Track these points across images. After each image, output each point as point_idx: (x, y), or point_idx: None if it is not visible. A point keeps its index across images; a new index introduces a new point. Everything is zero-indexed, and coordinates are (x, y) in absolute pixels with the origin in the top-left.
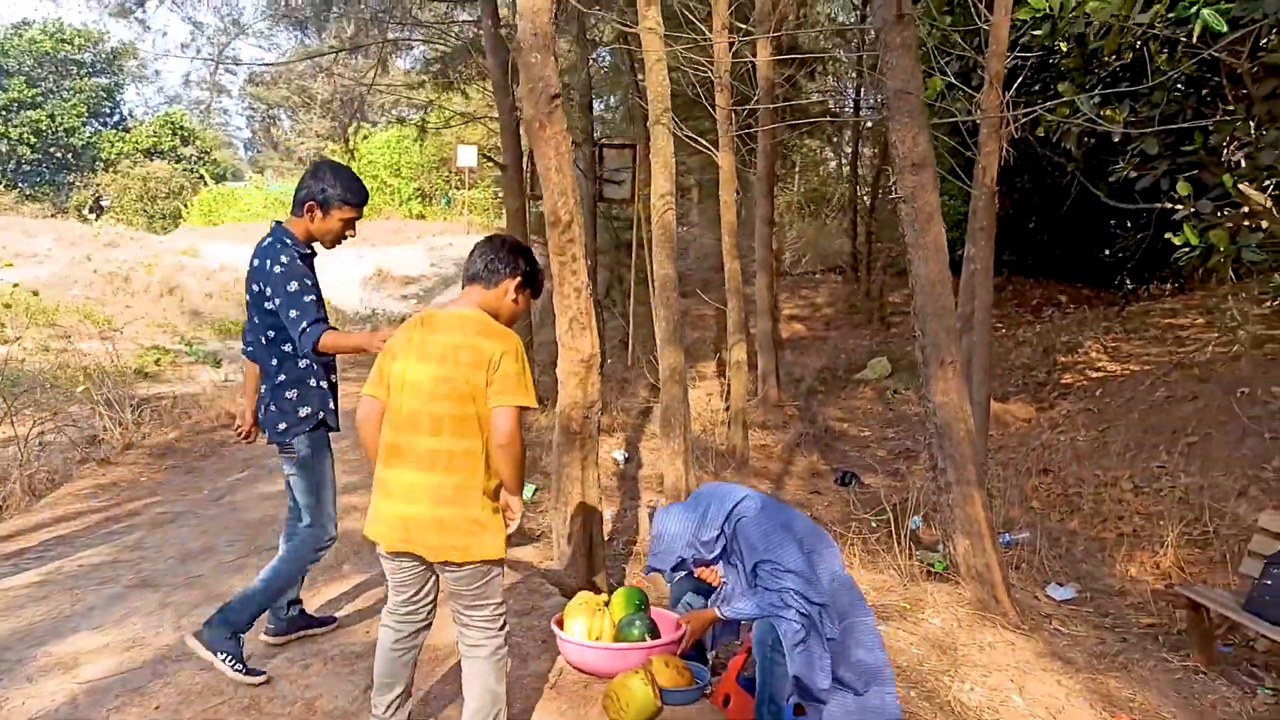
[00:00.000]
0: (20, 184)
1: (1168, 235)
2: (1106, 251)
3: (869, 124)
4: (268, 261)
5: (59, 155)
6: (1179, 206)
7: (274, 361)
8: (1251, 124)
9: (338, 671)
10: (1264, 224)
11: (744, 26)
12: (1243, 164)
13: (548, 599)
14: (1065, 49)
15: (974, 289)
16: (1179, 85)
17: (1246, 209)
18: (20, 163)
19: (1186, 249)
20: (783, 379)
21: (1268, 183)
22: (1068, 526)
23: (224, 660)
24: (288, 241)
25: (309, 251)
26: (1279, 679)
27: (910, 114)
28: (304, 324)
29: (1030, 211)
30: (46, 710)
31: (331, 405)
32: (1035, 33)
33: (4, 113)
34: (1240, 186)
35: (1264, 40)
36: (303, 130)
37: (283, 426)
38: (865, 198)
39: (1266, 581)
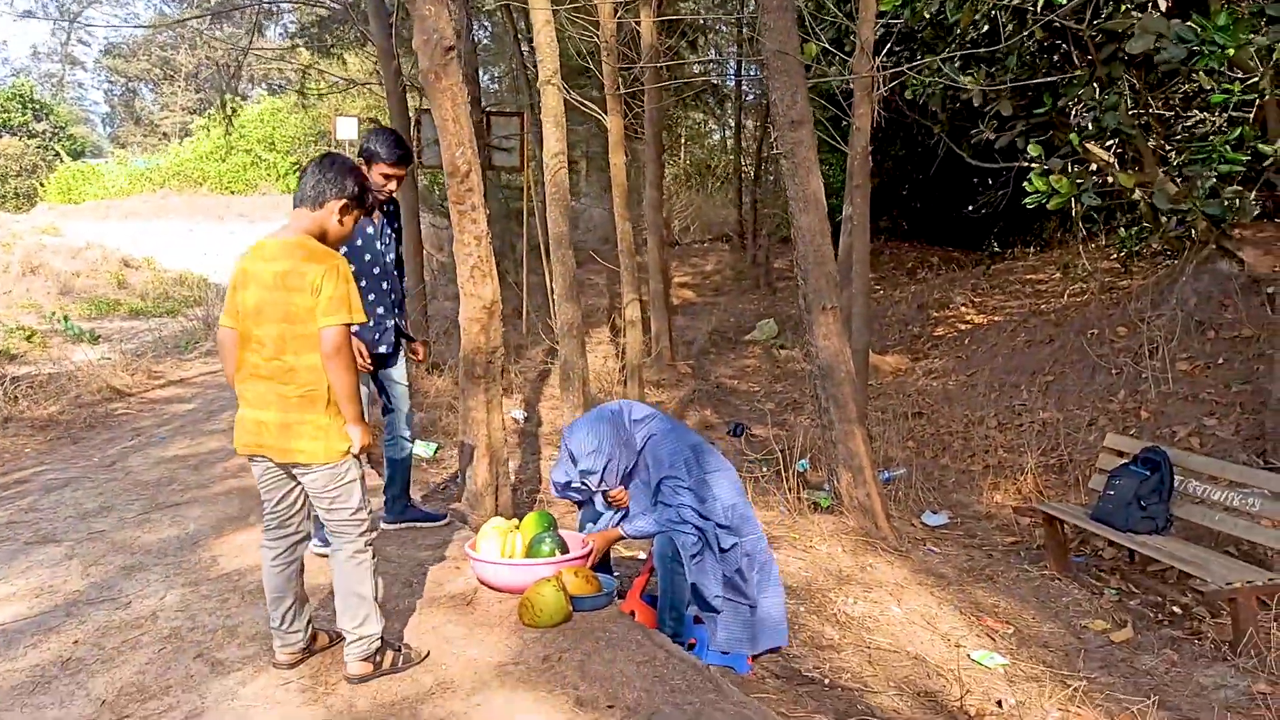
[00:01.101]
0: None
1: (1024, 184)
2: (970, 210)
3: (750, 96)
4: None
5: None
6: (1034, 165)
7: None
8: (1095, 87)
9: (257, 601)
10: (1109, 178)
11: None
12: (1088, 125)
13: (458, 532)
14: (928, 17)
15: (852, 245)
16: (1030, 51)
17: (1093, 166)
18: None
19: (1036, 194)
20: (676, 342)
21: (1110, 142)
22: (940, 462)
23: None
24: None
25: None
26: (1122, 580)
27: (788, 73)
28: None
29: (904, 178)
30: None
31: (356, 330)
32: (895, 21)
33: None
34: (1087, 145)
35: (1103, 9)
36: (166, 104)
37: None
38: (749, 168)
39: (1110, 492)
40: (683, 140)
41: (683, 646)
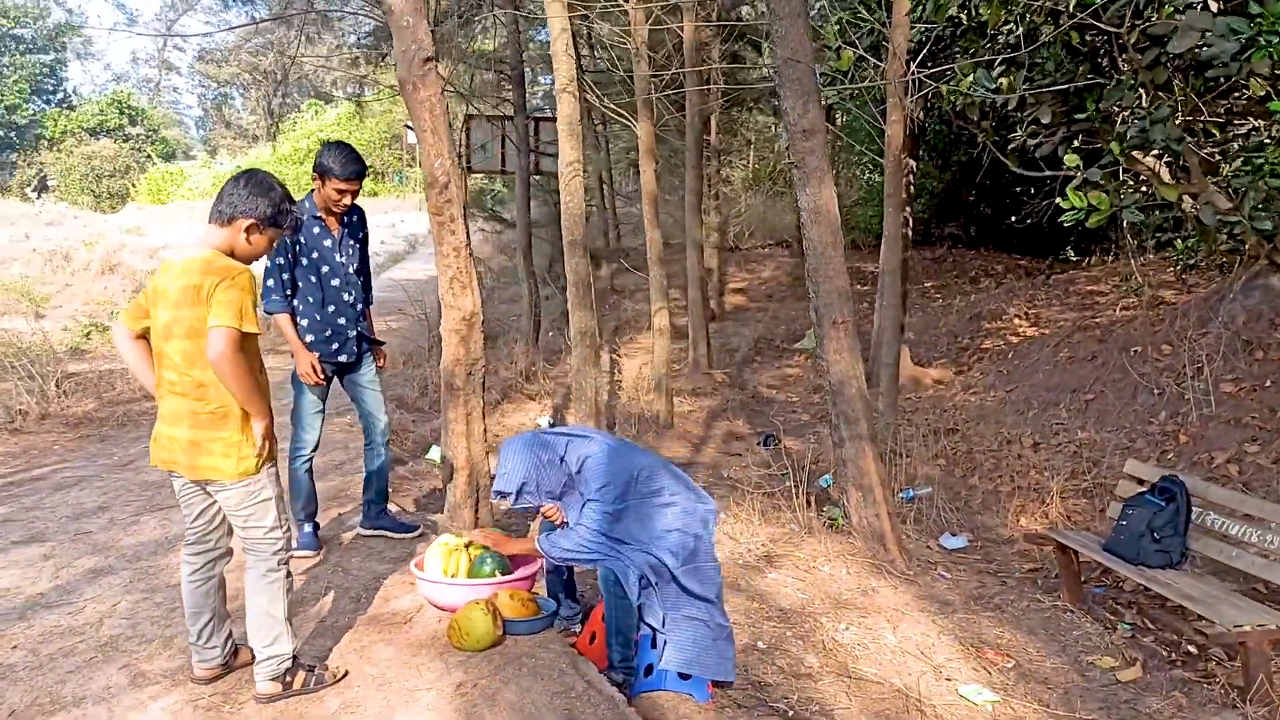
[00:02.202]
0: None
1: (1058, 201)
2: (1014, 220)
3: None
4: None
5: (0, 134)
6: (1076, 173)
7: None
8: (1142, 93)
9: None
10: (1155, 190)
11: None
12: (1133, 134)
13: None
14: (956, 15)
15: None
16: (1068, 54)
17: (1141, 175)
18: None
19: (1073, 211)
20: (718, 349)
21: (1158, 150)
22: (969, 481)
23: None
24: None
25: (318, 216)
26: (1138, 615)
27: (799, 81)
28: (267, 282)
29: (969, 184)
30: None
31: (309, 340)
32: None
33: None
34: (1133, 155)
35: (1145, 10)
36: (254, 108)
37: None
38: None
39: (1123, 522)
40: (751, 144)
41: (633, 672)
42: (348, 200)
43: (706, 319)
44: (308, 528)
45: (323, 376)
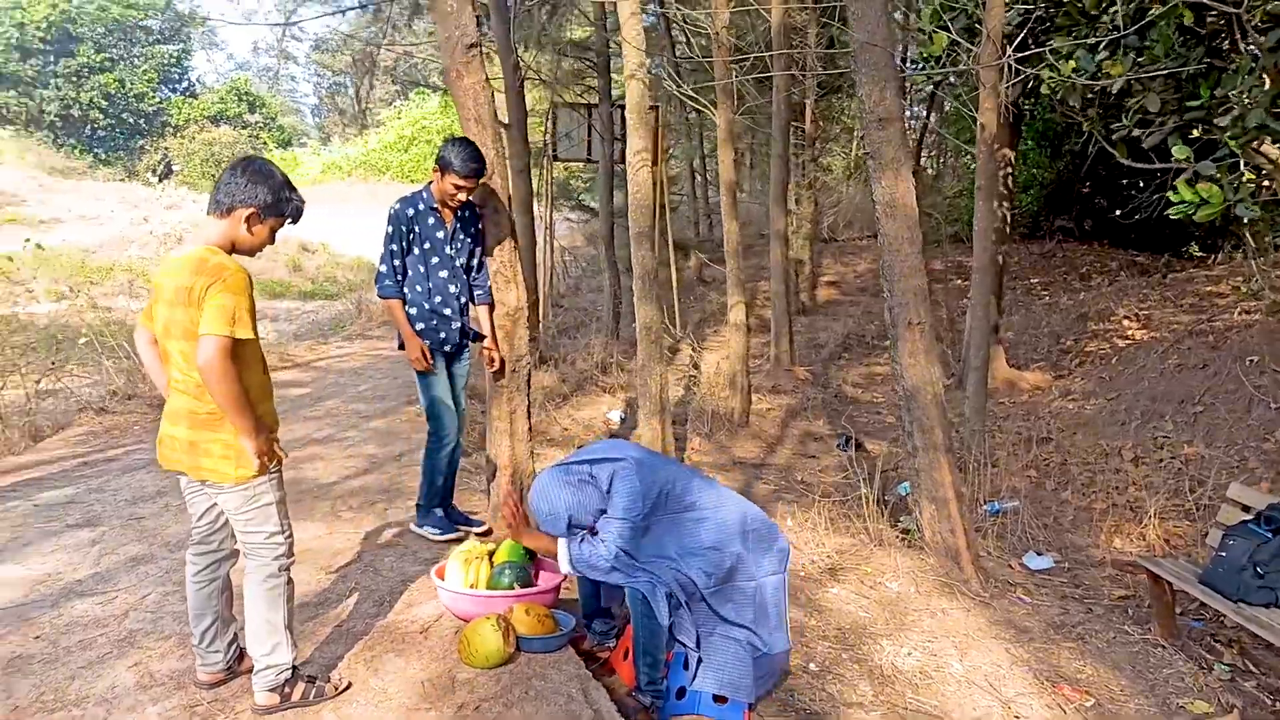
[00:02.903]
0: (94, 149)
1: (1168, 194)
2: (1120, 212)
3: (910, 84)
4: None
5: (130, 120)
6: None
7: None
8: (1266, 78)
9: None
10: (1276, 184)
11: None
12: (1249, 122)
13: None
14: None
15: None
16: (1183, 35)
17: (1262, 169)
18: (94, 128)
19: (1182, 204)
20: (805, 344)
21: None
22: (1060, 496)
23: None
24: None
25: (434, 207)
26: (1240, 655)
27: (876, 67)
28: (377, 272)
29: (1085, 175)
30: None
31: (419, 328)
32: (1029, 5)
33: (76, 79)
34: (1253, 148)
35: None
36: (364, 96)
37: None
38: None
39: (1222, 553)
40: (852, 131)
41: (662, 695)
42: (463, 196)
43: (791, 313)
44: (439, 513)
45: (431, 363)
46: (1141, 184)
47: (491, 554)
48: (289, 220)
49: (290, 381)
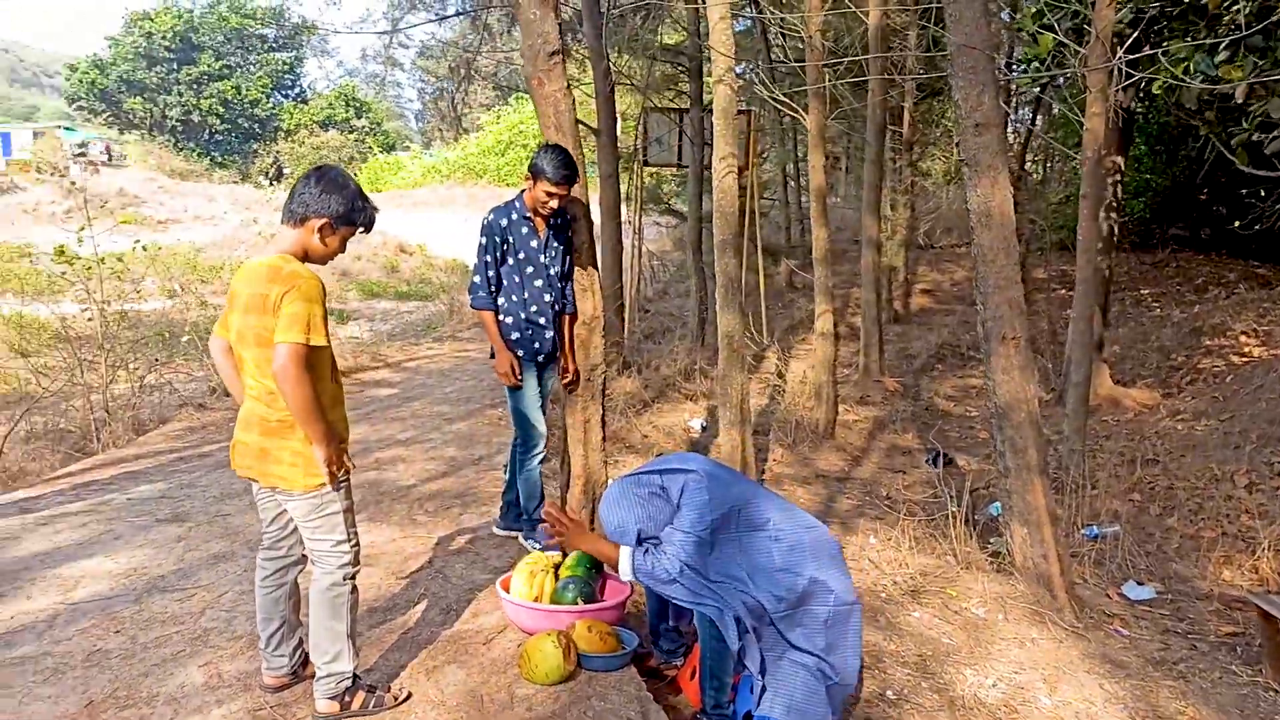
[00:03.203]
0: (211, 152)
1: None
2: (1238, 223)
3: (1014, 87)
4: None
5: (245, 125)
6: None
7: None
8: None
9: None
10: None
11: None
12: None
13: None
14: None
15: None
16: None
17: None
18: (211, 132)
19: None
20: (896, 354)
21: None
22: (1165, 522)
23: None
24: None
25: (527, 216)
26: None
27: (974, 70)
28: (474, 279)
29: (1203, 182)
30: (26, 625)
31: (514, 337)
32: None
33: (196, 86)
34: None
35: None
36: (467, 101)
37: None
38: (1013, 165)
39: None
40: (952, 135)
41: (728, 717)
42: (554, 204)
43: (881, 322)
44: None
45: (519, 378)
46: (1263, 192)
47: (557, 567)
48: (361, 230)
49: (380, 381)
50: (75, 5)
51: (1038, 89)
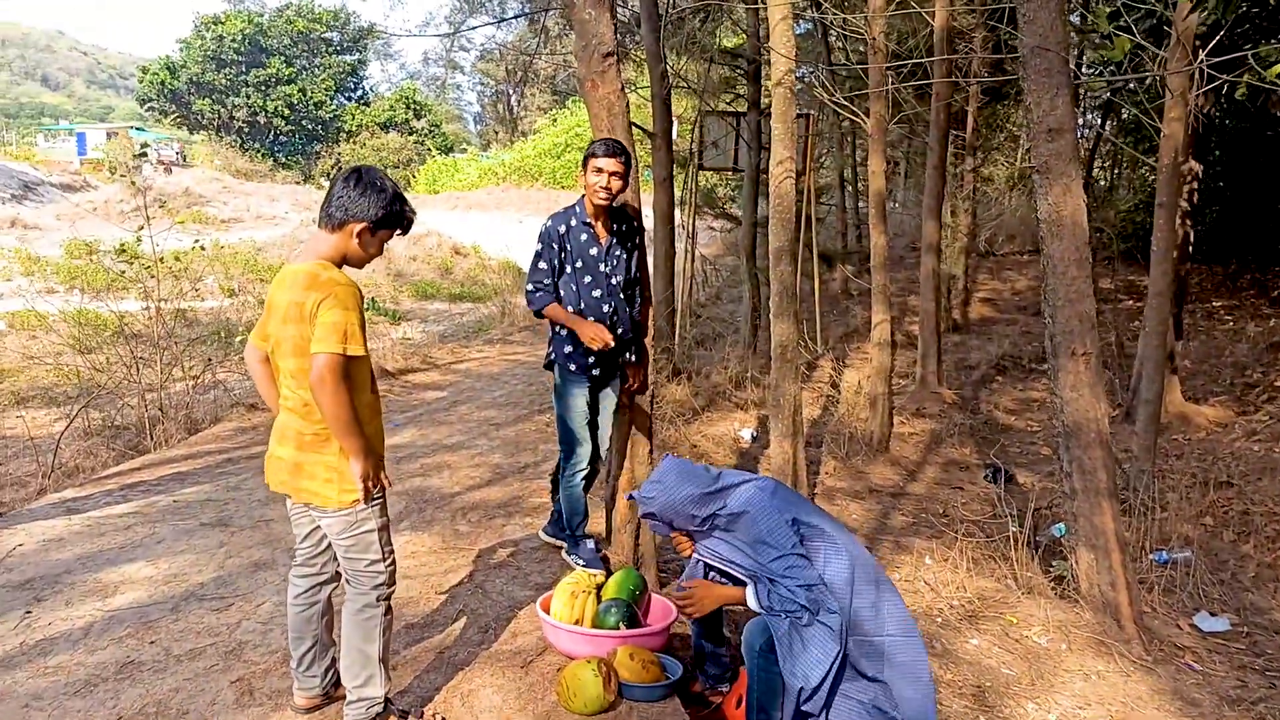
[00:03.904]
0: (276, 153)
1: None
2: None
3: (1082, 91)
4: None
5: (309, 127)
6: None
7: None
8: None
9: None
10: None
11: None
12: None
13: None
14: None
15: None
16: None
17: None
18: (276, 134)
19: None
20: (954, 364)
21: None
22: (1240, 549)
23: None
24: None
25: (587, 222)
26: None
27: (1047, 73)
28: (527, 286)
29: (1277, 190)
30: (62, 633)
31: (568, 350)
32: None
33: (264, 88)
34: None
35: None
36: (526, 104)
37: (550, 357)
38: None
39: None
40: (1018, 140)
41: None
42: (605, 181)
43: (939, 332)
44: (590, 544)
45: (611, 341)
46: None
47: (600, 588)
48: (399, 232)
49: (429, 384)
50: (152, 8)
51: (1108, 93)
